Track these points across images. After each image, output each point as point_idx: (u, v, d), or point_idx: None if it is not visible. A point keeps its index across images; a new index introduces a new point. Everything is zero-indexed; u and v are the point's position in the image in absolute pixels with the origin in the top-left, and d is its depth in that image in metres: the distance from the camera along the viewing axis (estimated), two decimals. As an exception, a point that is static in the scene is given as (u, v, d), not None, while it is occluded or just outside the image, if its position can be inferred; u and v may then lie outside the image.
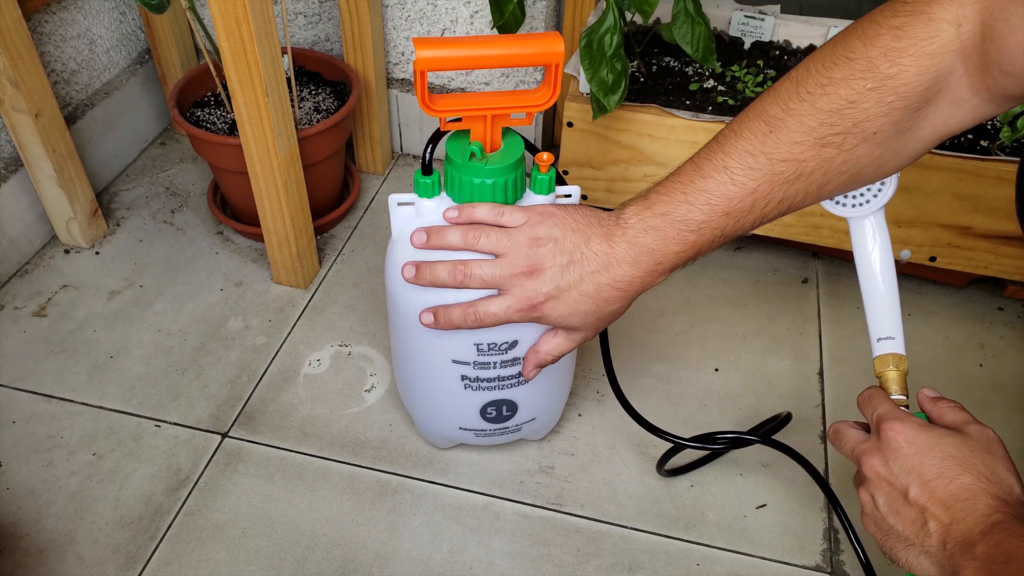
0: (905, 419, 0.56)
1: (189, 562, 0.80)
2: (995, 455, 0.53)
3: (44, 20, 1.09)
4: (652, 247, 0.60)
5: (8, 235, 1.07)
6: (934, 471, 0.52)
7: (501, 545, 0.82)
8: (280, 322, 1.04)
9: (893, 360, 0.64)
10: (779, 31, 1.10)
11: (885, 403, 0.59)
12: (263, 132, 0.91)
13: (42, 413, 0.92)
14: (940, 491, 0.51)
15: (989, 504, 0.49)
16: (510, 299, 0.64)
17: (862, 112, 0.53)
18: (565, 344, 0.69)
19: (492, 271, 0.64)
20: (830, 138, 0.54)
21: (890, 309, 0.65)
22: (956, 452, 0.52)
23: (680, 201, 0.59)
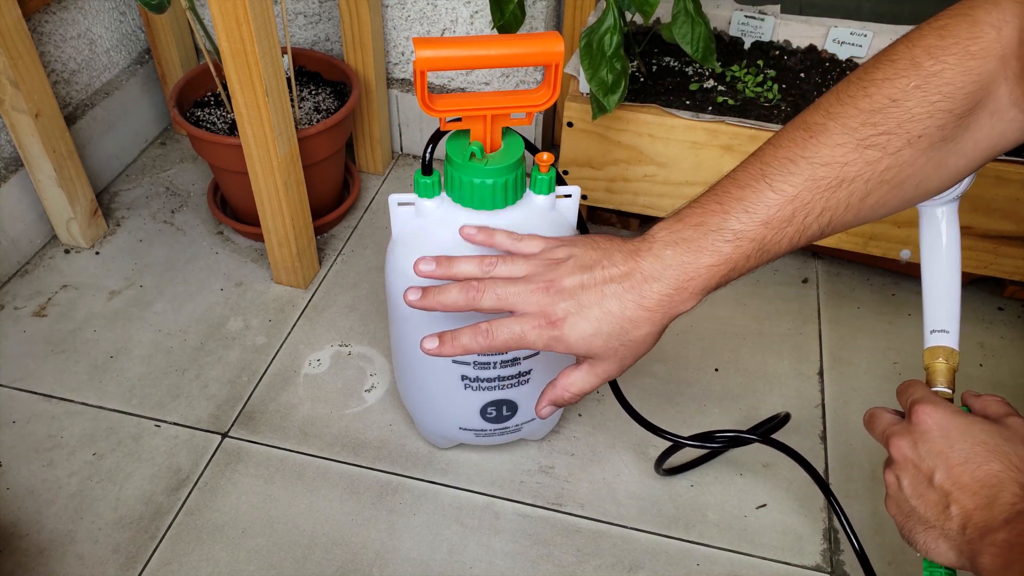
0: (939, 403, 0.54)
1: (189, 562, 0.80)
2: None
3: (44, 20, 1.09)
4: (682, 259, 0.56)
5: (8, 235, 1.07)
6: (962, 456, 0.51)
7: (501, 545, 0.82)
8: (280, 322, 1.04)
9: (943, 353, 0.61)
10: (779, 31, 1.10)
11: (922, 389, 0.57)
12: (263, 132, 0.91)
13: (42, 413, 0.92)
14: (966, 476, 0.50)
15: (1016, 493, 0.48)
16: (527, 317, 0.58)
17: (906, 111, 0.51)
18: (587, 379, 0.61)
19: (507, 289, 0.59)
20: (873, 139, 0.52)
21: (949, 302, 0.62)
22: (987, 439, 0.51)
23: (715, 211, 0.55)
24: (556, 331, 0.58)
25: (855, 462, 0.89)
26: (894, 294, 1.09)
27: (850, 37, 1.06)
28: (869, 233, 1.02)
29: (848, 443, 0.91)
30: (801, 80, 1.05)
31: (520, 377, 0.78)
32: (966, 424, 0.53)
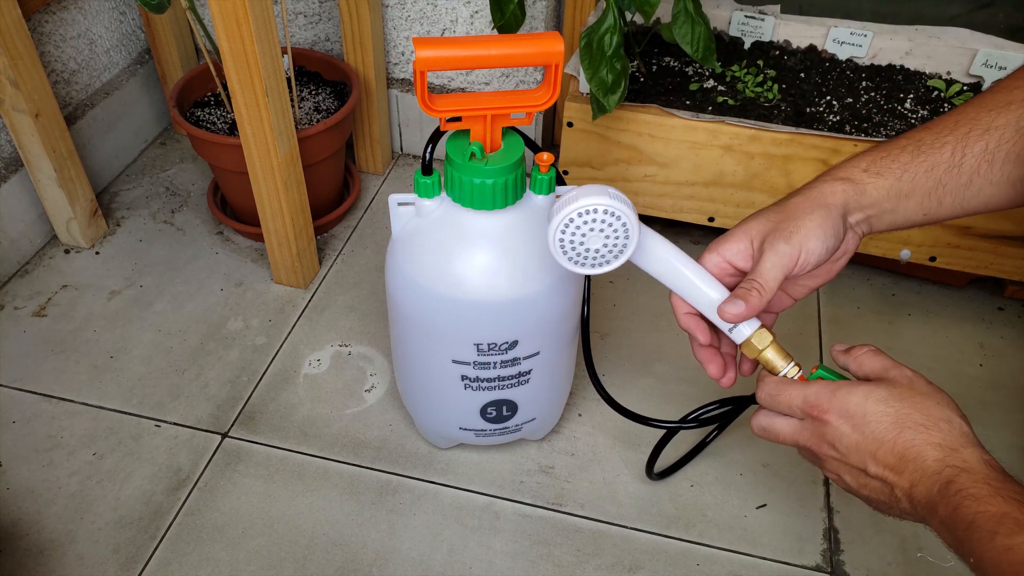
0: (828, 396, 0.55)
1: (189, 562, 0.80)
2: (922, 392, 0.53)
3: (44, 20, 1.09)
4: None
5: (8, 235, 1.07)
6: (875, 439, 0.52)
7: (501, 545, 0.82)
8: (280, 322, 1.04)
9: (758, 339, 0.61)
10: (779, 31, 1.10)
11: (795, 390, 0.57)
12: (263, 132, 0.91)
13: (42, 413, 0.92)
14: (889, 457, 0.51)
15: (935, 458, 0.50)
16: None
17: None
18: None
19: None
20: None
21: (721, 295, 0.61)
22: (887, 408, 0.52)
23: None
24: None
25: (855, 462, 0.89)
26: (894, 294, 1.09)
27: (850, 37, 1.06)
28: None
29: (848, 443, 0.91)
30: (801, 80, 1.05)
31: (520, 377, 0.78)
32: (862, 402, 0.53)
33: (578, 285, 0.77)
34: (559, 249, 0.61)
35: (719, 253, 0.62)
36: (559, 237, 0.60)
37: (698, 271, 0.62)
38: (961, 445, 0.50)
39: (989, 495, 0.46)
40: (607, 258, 0.62)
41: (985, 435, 0.92)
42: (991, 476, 0.48)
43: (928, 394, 0.53)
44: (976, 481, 0.47)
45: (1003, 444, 0.91)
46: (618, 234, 0.60)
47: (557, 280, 0.74)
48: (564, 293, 0.75)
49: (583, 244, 0.61)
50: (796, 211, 0.59)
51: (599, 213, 0.59)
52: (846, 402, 0.54)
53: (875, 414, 0.52)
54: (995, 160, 0.57)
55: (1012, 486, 0.47)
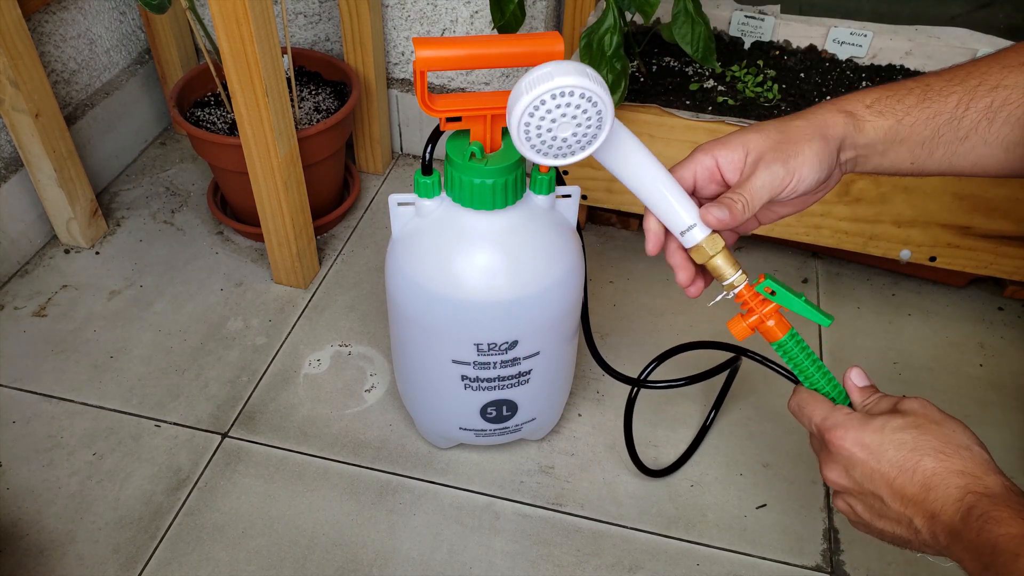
0: (845, 424, 0.54)
1: (189, 562, 0.80)
2: (937, 421, 0.52)
3: (44, 20, 1.09)
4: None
5: (8, 235, 1.07)
6: (894, 468, 0.51)
7: (501, 545, 0.82)
8: (280, 322, 1.04)
9: (709, 244, 0.58)
10: (779, 31, 1.10)
11: (818, 409, 0.57)
12: (263, 132, 0.91)
13: (42, 413, 0.92)
14: (908, 488, 0.50)
15: (958, 485, 0.49)
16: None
17: None
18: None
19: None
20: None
21: (680, 196, 0.58)
22: (905, 436, 0.52)
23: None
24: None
25: (855, 462, 0.89)
26: (894, 294, 1.09)
27: (850, 37, 1.06)
28: (869, 233, 1.02)
29: (848, 443, 0.91)
30: (801, 80, 1.05)
31: (520, 377, 0.78)
32: (879, 431, 0.53)
33: (578, 285, 0.77)
34: (522, 135, 0.54)
35: (712, 155, 0.58)
36: (525, 121, 0.53)
37: (664, 176, 0.58)
38: (983, 472, 0.50)
39: (1010, 517, 0.46)
40: (573, 149, 0.55)
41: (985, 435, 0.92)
42: (1012, 500, 0.47)
43: (943, 422, 0.53)
44: (997, 505, 0.47)
45: (1003, 444, 0.91)
46: (591, 122, 0.53)
47: (557, 280, 0.74)
48: (564, 293, 0.75)
49: (551, 132, 0.54)
50: (797, 135, 0.57)
51: (575, 97, 0.52)
52: (864, 432, 0.53)
53: (893, 443, 0.52)
54: (995, 119, 0.56)
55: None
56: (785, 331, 0.59)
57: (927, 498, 0.50)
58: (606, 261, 1.12)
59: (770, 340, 0.60)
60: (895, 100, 0.58)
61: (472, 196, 0.68)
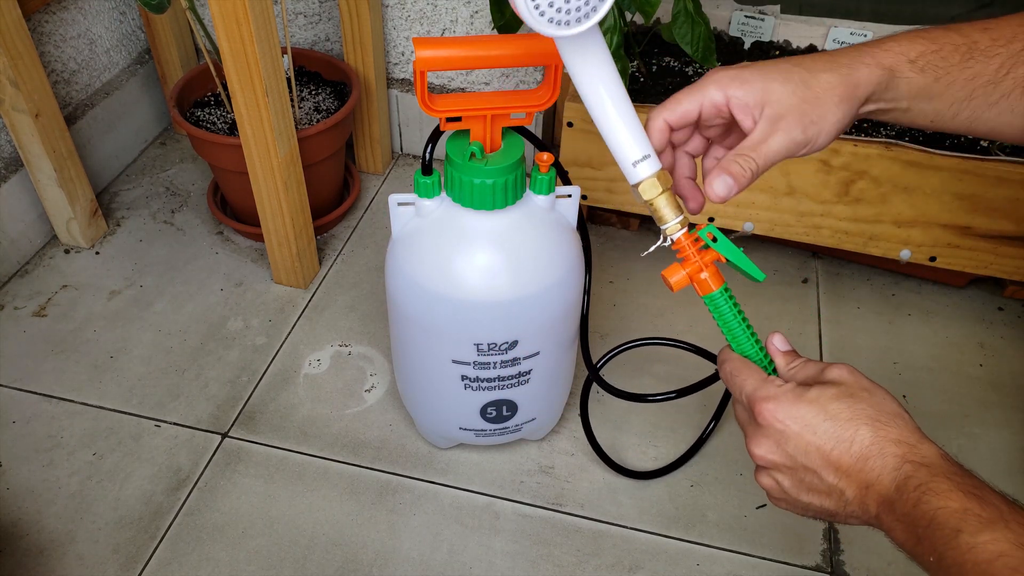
0: (777, 397, 0.52)
1: (189, 562, 0.80)
2: (868, 388, 0.51)
3: (44, 20, 1.09)
4: (889, 37, 0.55)
5: (8, 235, 1.07)
6: (831, 440, 0.49)
7: (501, 545, 0.82)
8: (280, 322, 1.04)
9: (660, 180, 0.54)
10: (779, 31, 1.10)
11: (750, 380, 0.54)
12: (263, 132, 0.91)
13: (42, 413, 0.92)
14: (845, 459, 0.49)
15: (895, 454, 0.48)
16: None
17: None
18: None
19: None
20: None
21: (636, 126, 0.55)
22: (840, 407, 0.50)
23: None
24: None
25: (855, 462, 0.89)
26: (894, 294, 1.09)
27: (850, 37, 1.06)
28: (869, 233, 1.02)
29: (848, 443, 0.91)
30: (801, 80, 1.04)
31: (520, 377, 0.78)
32: (812, 402, 0.51)
33: (578, 285, 0.77)
34: (531, 3, 0.47)
35: (725, 93, 0.53)
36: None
37: (626, 101, 0.54)
38: (918, 440, 0.48)
39: (949, 490, 0.45)
40: (575, 15, 0.49)
41: (985, 435, 0.92)
42: (949, 470, 0.46)
43: (872, 390, 0.51)
44: (935, 476, 0.46)
45: (1003, 444, 0.91)
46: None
47: (557, 280, 0.74)
48: (564, 293, 0.75)
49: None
50: (825, 94, 0.52)
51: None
52: (799, 406, 0.51)
53: (828, 414, 0.50)
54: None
55: (970, 479, 0.46)
56: (719, 284, 0.57)
57: (863, 468, 0.48)
58: (606, 261, 1.12)
59: (703, 293, 0.57)
60: (939, 57, 0.54)
61: (472, 196, 0.68)
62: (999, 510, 0.44)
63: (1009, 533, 0.42)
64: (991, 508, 0.44)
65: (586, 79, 0.54)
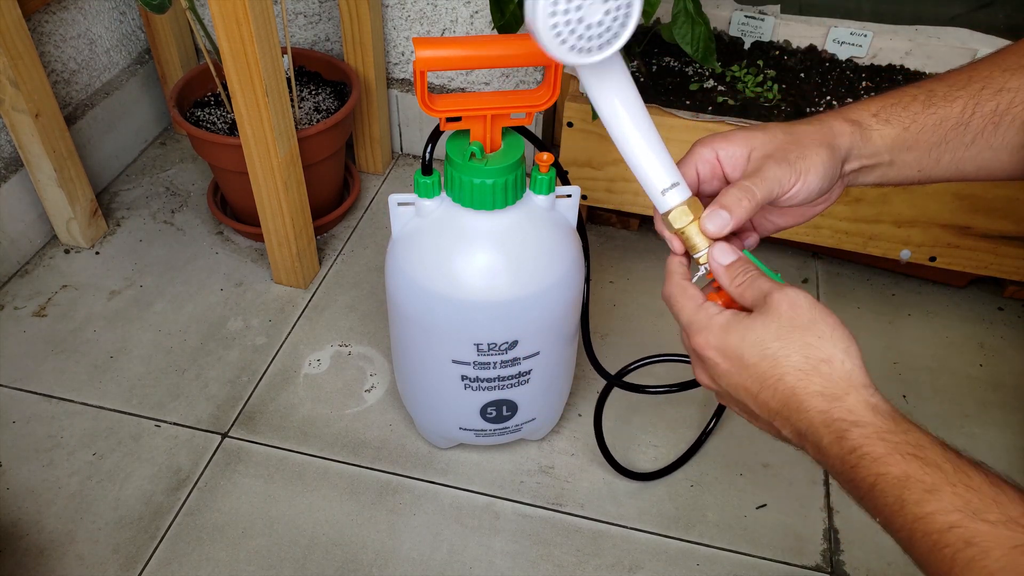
0: (707, 328, 0.51)
1: (189, 562, 0.80)
2: (802, 326, 0.48)
3: (44, 20, 1.09)
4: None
5: (8, 235, 1.07)
6: (756, 382, 0.48)
7: (501, 545, 0.82)
8: (280, 322, 1.04)
9: (692, 208, 0.54)
10: (779, 31, 1.10)
11: (686, 306, 0.53)
12: (263, 132, 0.91)
13: (42, 413, 0.92)
14: (772, 404, 0.48)
15: (819, 409, 0.46)
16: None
17: None
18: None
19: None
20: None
21: (663, 152, 0.54)
22: (766, 349, 0.48)
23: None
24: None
25: (855, 462, 0.89)
26: (894, 294, 1.09)
27: (850, 37, 1.06)
28: (869, 233, 1.02)
29: (848, 443, 0.91)
30: (801, 80, 1.05)
31: (520, 377, 0.78)
32: (740, 340, 0.49)
33: (578, 285, 0.77)
34: (548, 10, 0.46)
35: (712, 148, 0.55)
36: (551, 11, 0.46)
37: (652, 127, 0.54)
38: (843, 391, 0.46)
39: (886, 453, 0.43)
40: (597, 41, 0.48)
41: (985, 435, 0.92)
42: (882, 428, 0.44)
43: (808, 327, 0.48)
44: (869, 437, 0.44)
45: (1003, 444, 0.91)
46: (620, 11, 0.48)
47: (557, 280, 0.74)
48: (564, 293, 0.75)
49: (579, 10, 0.47)
50: (805, 140, 0.54)
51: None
52: (726, 338, 0.50)
53: (754, 354, 0.48)
54: (1001, 123, 0.55)
55: (907, 436, 0.44)
56: None
57: (791, 416, 0.47)
58: (606, 261, 1.12)
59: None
60: (900, 107, 0.56)
61: (472, 196, 0.68)
62: (942, 471, 0.42)
63: (956, 499, 0.41)
64: (933, 470, 0.42)
65: (609, 106, 0.54)
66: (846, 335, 0.48)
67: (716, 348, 0.50)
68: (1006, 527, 0.39)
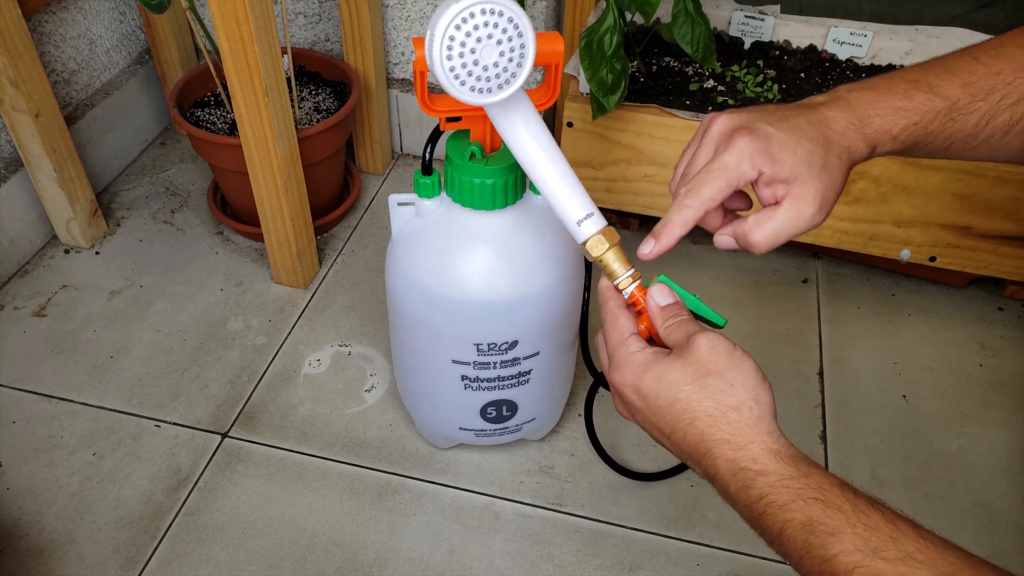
0: (625, 365, 0.52)
1: (189, 562, 0.80)
2: (716, 371, 0.49)
3: (44, 20, 1.09)
4: (868, 97, 0.53)
5: (8, 235, 1.07)
6: (668, 425, 0.50)
7: (501, 545, 0.82)
8: (280, 322, 1.04)
9: (607, 236, 0.55)
10: (779, 31, 1.10)
11: (612, 335, 0.54)
12: (263, 132, 0.91)
13: (42, 413, 0.92)
14: (682, 444, 0.49)
15: (726, 458, 0.47)
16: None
17: None
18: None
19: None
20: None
21: (576, 185, 0.56)
22: (679, 393, 0.49)
23: (911, 70, 0.54)
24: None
25: (855, 462, 0.89)
26: (894, 294, 1.09)
27: (850, 37, 1.06)
28: (869, 233, 1.02)
29: (848, 443, 0.91)
30: (801, 80, 1.05)
31: (520, 377, 0.78)
32: (656, 382, 0.50)
33: (578, 285, 0.77)
34: (443, 53, 0.49)
35: (757, 168, 0.51)
36: (450, 35, 0.49)
37: (562, 161, 0.55)
38: (748, 440, 0.47)
39: (790, 500, 0.45)
40: (493, 83, 0.51)
41: (985, 435, 0.92)
42: (785, 474, 0.45)
43: (722, 372, 0.49)
44: (773, 485, 0.45)
45: (1003, 444, 0.91)
46: (515, 52, 0.50)
47: (557, 280, 0.74)
48: (564, 293, 0.75)
49: (474, 54, 0.50)
50: (836, 175, 0.52)
51: (503, 18, 0.49)
52: (643, 378, 0.51)
53: (667, 398, 0.49)
54: (1010, 132, 0.54)
55: (808, 480, 0.45)
56: None
57: (701, 460, 0.49)
58: (606, 261, 1.12)
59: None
60: (920, 128, 0.54)
61: (472, 196, 0.68)
62: (842, 513, 0.43)
63: (856, 540, 0.42)
64: (834, 512, 0.43)
65: (516, 141, 0.55)
66: (758, 382, 0.49)
67: (632, 387, 0.51)
68: (904, 563, 0.41)
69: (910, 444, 0.91)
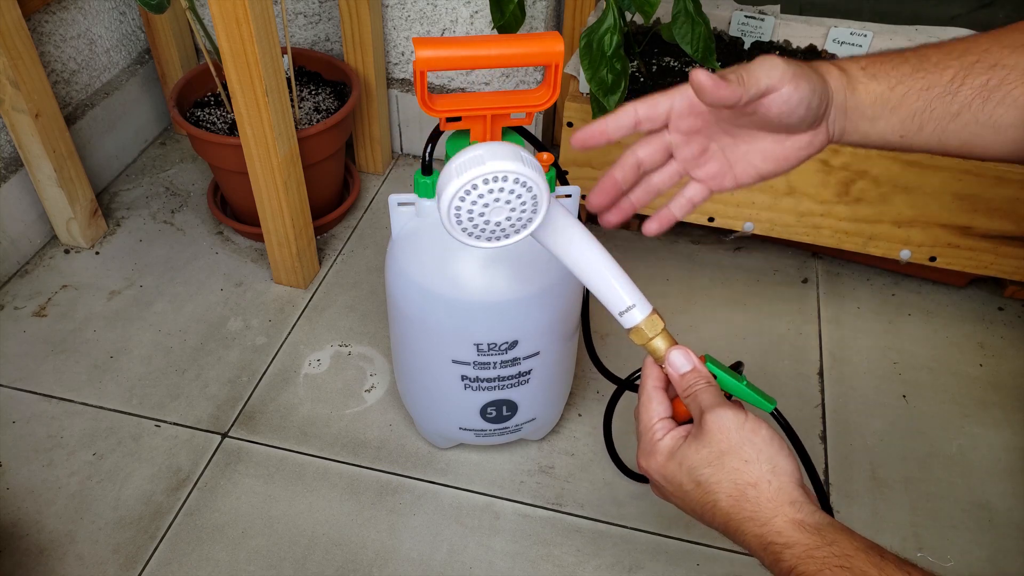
0: (651, 453, 0.54)
1: (189, 562, 0.80)
2: (729, 450, 0.50)
3: (44, 20, 1.09)
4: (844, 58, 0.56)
5: (8, 235, 1.07)
6: (697, 506, 0.52)
7: (501, 545, 0.82)
8: (280, 322, 1.04)
9: (648, 326, 0.57)
10: (779, 31, 1.10)
11: (640, 421, 0.56)
12: (263, 132, 0.91)
13: (42, 413, 0.92)
14: (714, 523, 0.51)
15: (754, 534, 0.49)
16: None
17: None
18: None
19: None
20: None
21: (620, 275, 0.57)
22: (699, 475, 0.51)
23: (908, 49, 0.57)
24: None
25: (855, 462, 0.89)
26: (894, 294, 1.09)
27: (850, 37, 1.06)
28: (869, 233, 1.02)
29: (848, 443, 0.91)
30: (801, 80, 1.04)
31: (520, 377, 0.78)
32: (679, 467, 0.52)
33: (577, 285, 0.77)
34: (453, 219, 0.51)
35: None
36: (456, 206, 0.50)
37: (603, 256, 0.57)
38: (771, 514, 0.48)
39: (818, 570, 0.46)
40: (507, 232, 0.53)
41: (985, 435, 0.92)
42: (810, 544, 0.47)
43: (735, 450, 0.50)
44: (800, 557, 0.47)
45: (1003, 444, 0.91)
46: (526, 207, 0.51)
47: (557, 280, 0.74)
48: (564, 293, 0.75)
49: (483, 216, 0.51)
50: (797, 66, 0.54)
51: (508, 182, 0.50)
52: (667, 464, 0.53)
53: (690, 481, 0.51)
54: (990, 99, 0.55)
55: (833, 548, 0.46)
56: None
57: (734, 536, 0.50)
58: (606, 261, 1.12)
59: None
60: (889, 66, 0.56)
61: (472, 196, 0.68)
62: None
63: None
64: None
65: (563, 251, 0.57)
66: (775, 451, 0.50)
67: (659, 473, 0.53)
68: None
69: (910, 444, 0.91)
